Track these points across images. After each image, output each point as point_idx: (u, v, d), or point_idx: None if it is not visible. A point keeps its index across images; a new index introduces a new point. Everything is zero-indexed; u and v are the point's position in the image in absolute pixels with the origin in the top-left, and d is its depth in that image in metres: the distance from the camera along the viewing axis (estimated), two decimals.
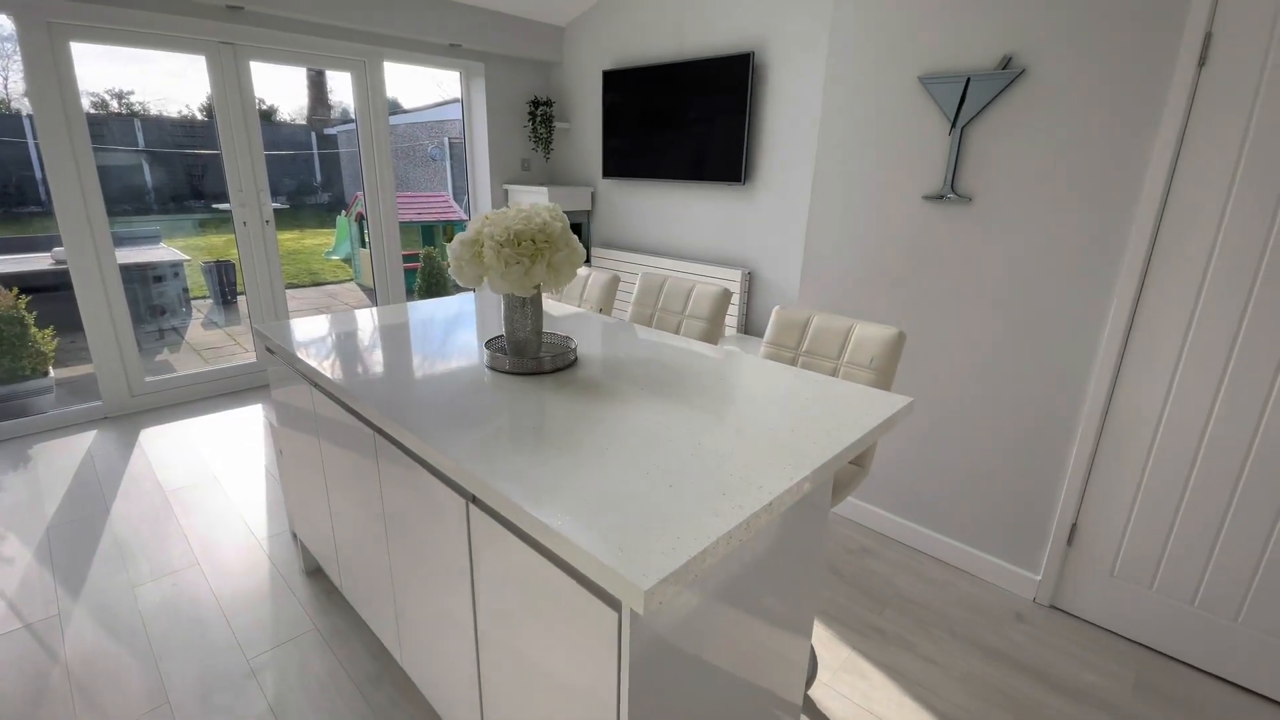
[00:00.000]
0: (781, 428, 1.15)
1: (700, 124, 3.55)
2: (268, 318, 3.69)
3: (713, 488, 0.92)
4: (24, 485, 2.55)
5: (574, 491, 0.90)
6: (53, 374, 3.29)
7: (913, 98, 1.97)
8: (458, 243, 1.37)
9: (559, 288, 1.41)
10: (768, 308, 3.51)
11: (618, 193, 4.27)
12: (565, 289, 2.32)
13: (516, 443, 1.06)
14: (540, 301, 1.46)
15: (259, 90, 3.41)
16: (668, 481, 0.94)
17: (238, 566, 2.08)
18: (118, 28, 2.93)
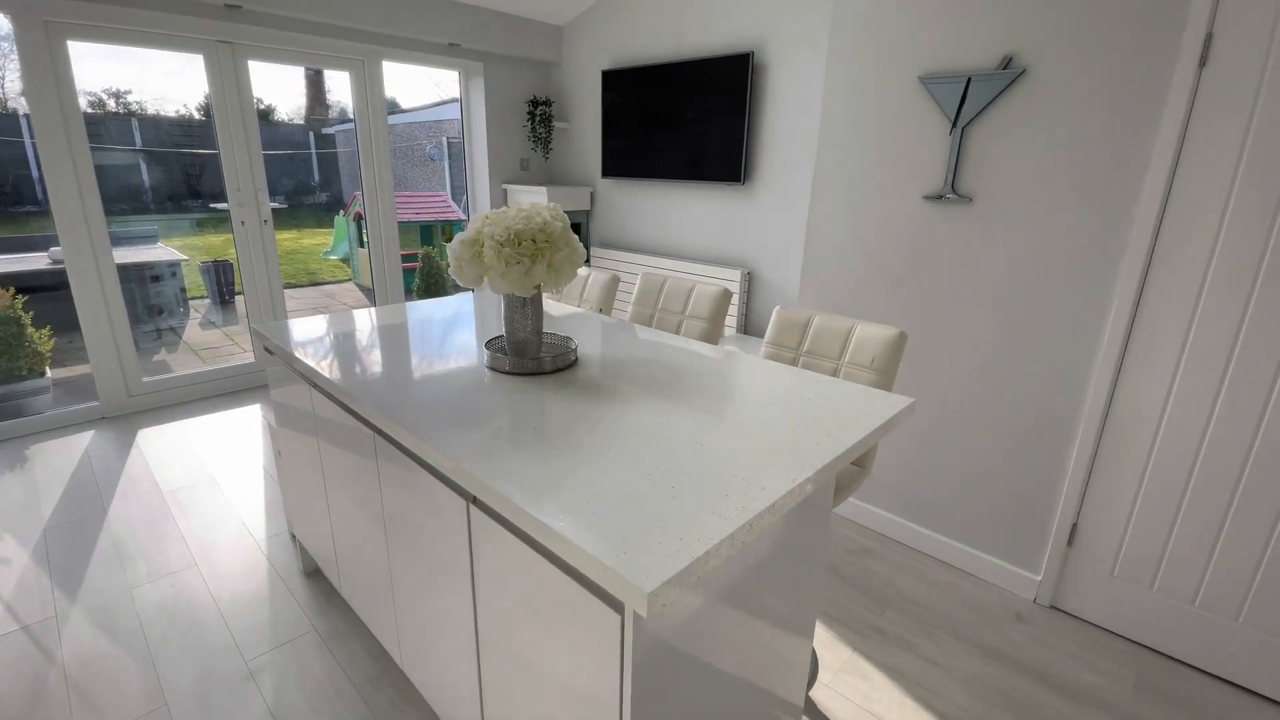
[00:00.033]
0: (783, 428, 1.14)
1: (699, 124, 3.55)
2: (266, 318, 3.68)
3: (715, 489, 0.92)
4: (21, 486, 2.53)
5: (575, 492, 0.90)
6: (50, 374, 3.28)
7: (913, 97, 1.97)
8: (458, 242, 1.37)
9: (560, 288, 1.40)
10: (767, 308, 3.51)
11: (617, 193, 4.27)
12: (565, 289, 2.32)
13: (517, 443, 1.06)
14: (540, 302, 1.46)
15: (257, 90, 3.40)
16: (670, 482, 0.94)
17: (236, 568, 2.07)
18: (115, 26, 2.92)
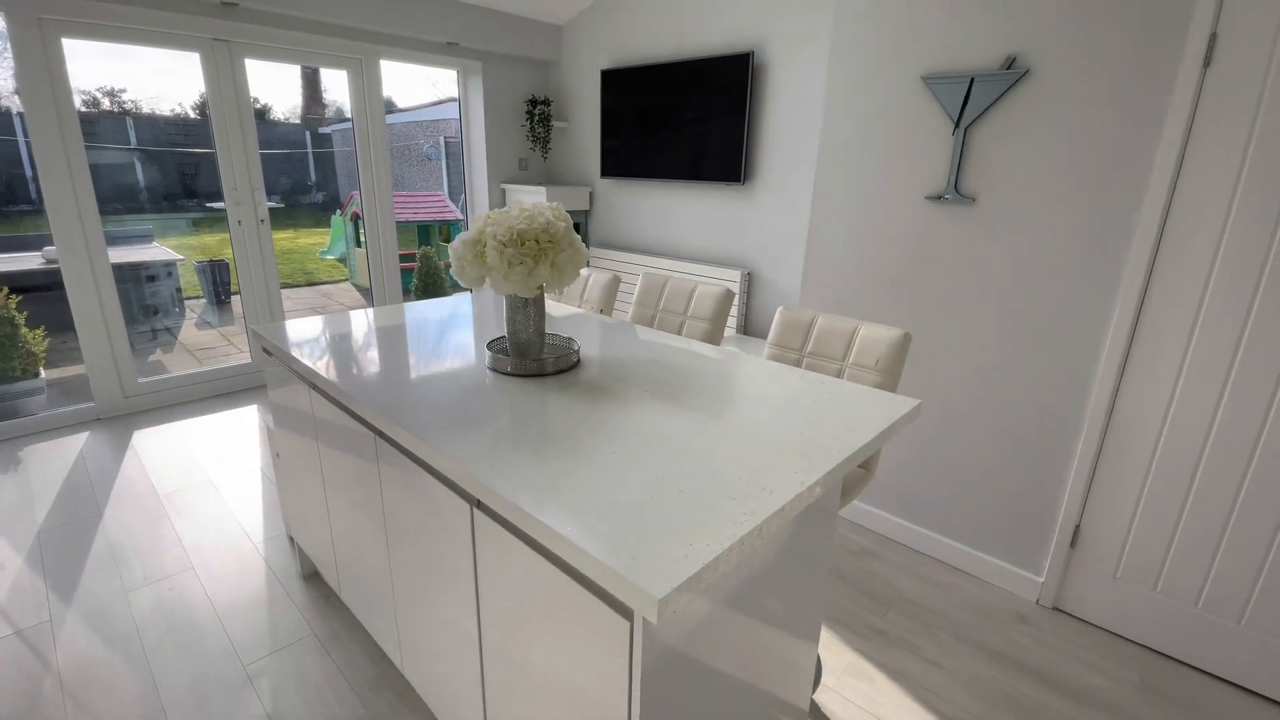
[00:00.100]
0: (789, 431, 1.13)
1: (699, 124, 3.54)
2: (263, 318, 3.66)
3: (723, 492, 0.91)
4: (14, 488, 2.51)
5: (581, 496, 0.89)
6: (44, 375, 3.24)
7: (915, 98, 1.96)
8: (460, 243, 1.35)
9: (562, 288, 1.39)
10: (767, 308, 3.50)
11: (616, 193, 4.26)
12: (566, 290, 2.30)
13: (521, 446, 1.04)
14: (543, 302, 1.44)
15: (253, 88, 3.38)
16: (676, 486, 0.93)
17: (233, 571, 2.05)
18: (111, 24, 2.89)
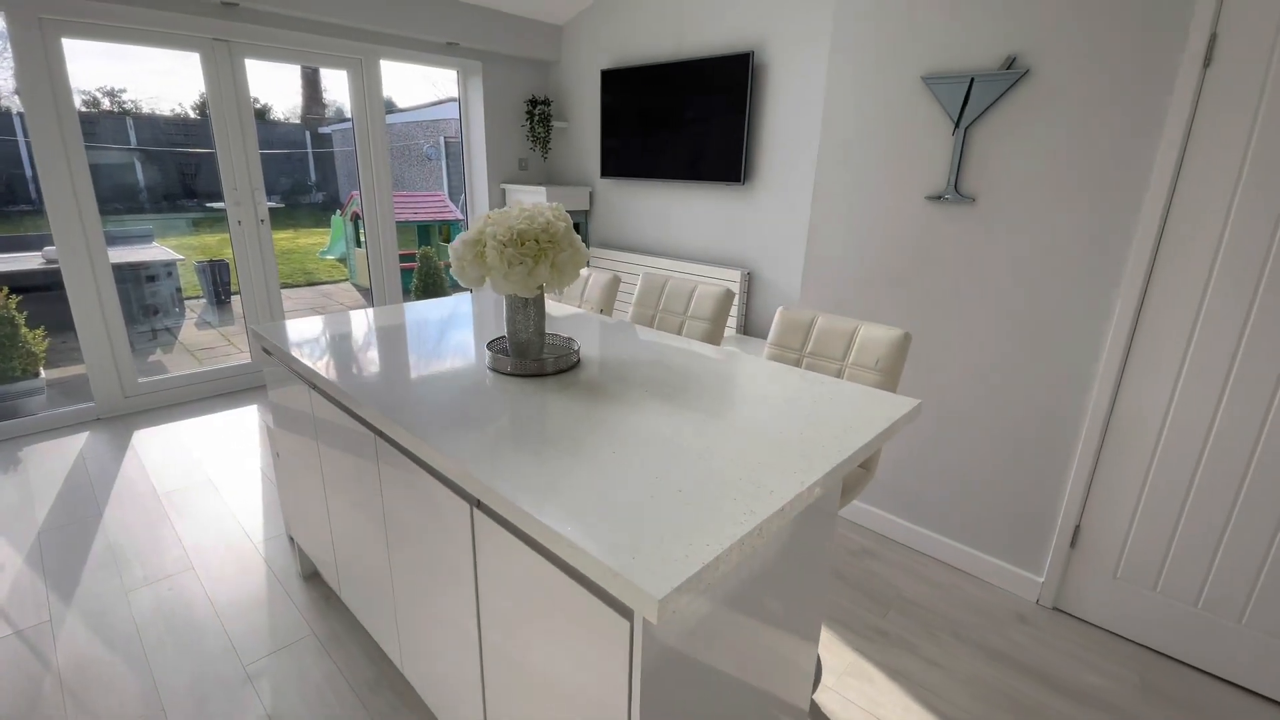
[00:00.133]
0: (789, 431, 1.13)
1: (699, 124, 3.54)
2: (263, 318, 3.66)
3: (723, 493, 0.91)
4: (14, 488, 2.51)
5: (581, 496, 0.89)
6: (44, 375, 3.24)
7: (916, 98, 1.96)
8: (460, 243, 1.35)
9: (562, 288, 1.39)
10: (767, 308, 3.50)
11: (616, 193, 4.26)
12: (566, 290, 2.30)
13: (521, 446, 1.04)
14: (543, 302, 1.44)
15: (253, 88, 3.38)
16: (676, 486, 0.93)
17: (233, 571, 2.05)
18: (111, 24, 2.89)
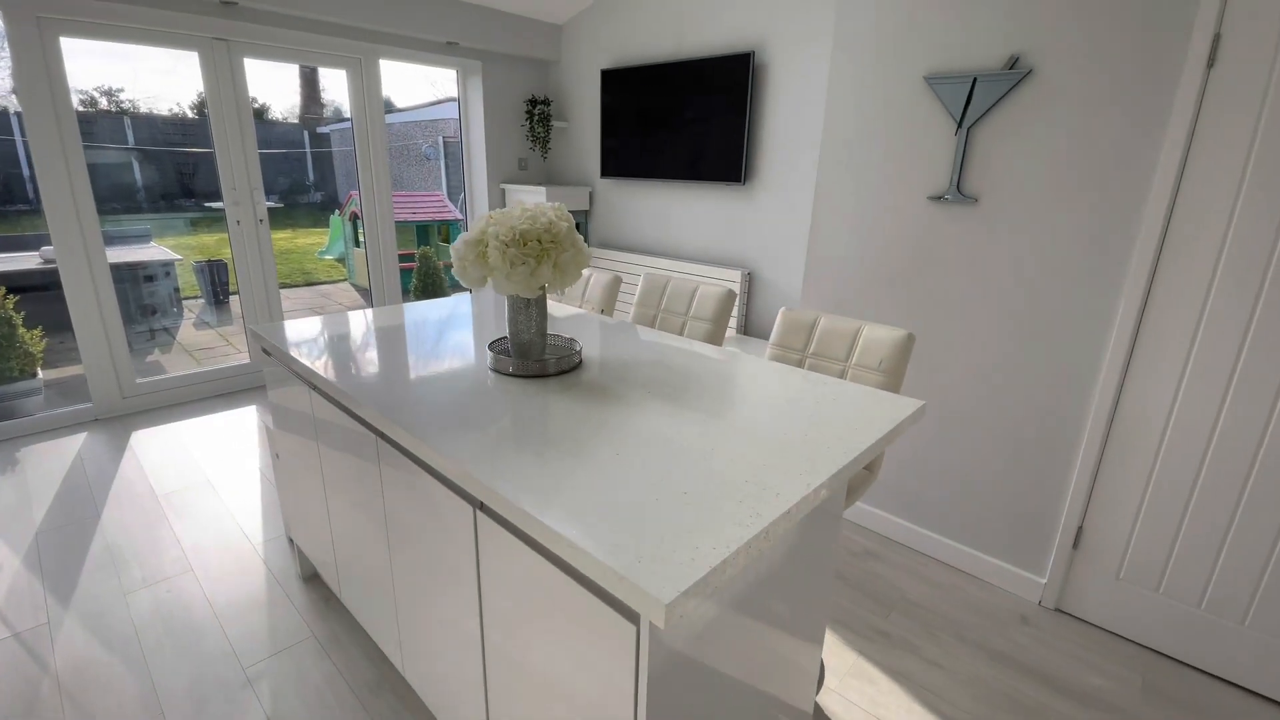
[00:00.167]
0: (794, 432, 1.13)
1: (699, 123, 3.53)
2: (261, 318, 3.64)
3: (728, 495, 0.90)
4: (12, 489, 2.49)
5: (585, 499, 0.88)
6: (41, 375, 3.23)
7: (918, 97, 1.95)
8: (461, 243, 1.34)
9: (565, 288, 1.38)
10: (768, 309, 3.50)
11: (616, 193, 4.25)
12: (567, 290, 2.29)
13: (524, 448, 1.04)
14: (545, 303, 1.44)
15: (251, 88, 3.37)
16: (681, 488, 0.92)
17: (232, 572, 2.04)
18: (109, 23, 2.88)
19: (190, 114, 5.06)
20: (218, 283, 5.32)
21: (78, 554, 2.11)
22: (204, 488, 2.55)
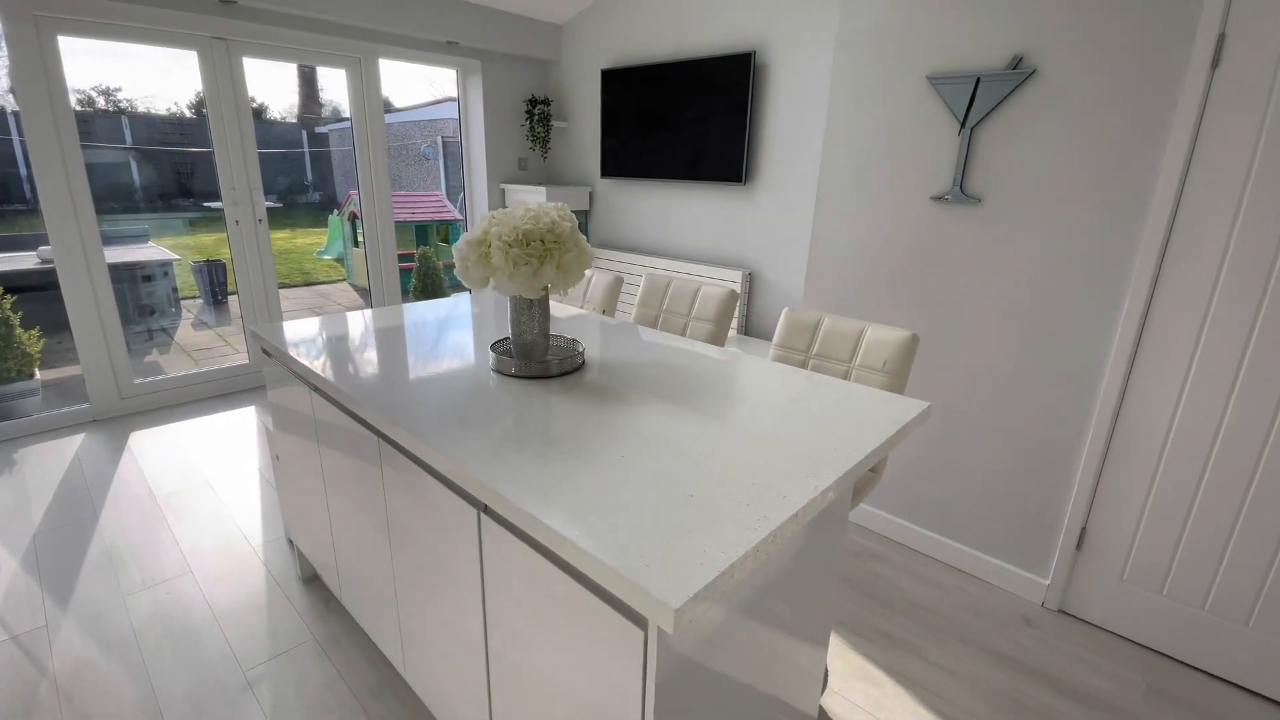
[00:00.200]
0: (799, 434, 1.12)
1: (700, 124, 3.52)
2: (260, 318, 3.63)
3: (735, 497, 0.89)
4: (9, 490, 2.48)
5: (590, 501, 0.87)
6: (39, 375, 3.21)
7: (921, 97, 1.95)
8: (464, 243, 1.34)
9: (567, 289, 1.37)
10: (768, 309, 3.49)
11: (616, 193, 4.24)
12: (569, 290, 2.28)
13: (528, 450, 1.03)
14: (548, 303, 1.43)
15: (249, 87, 3.35)
16: (687, 490, 0.91)
17: (232, 574, 2.02)
18: (107, 22, 2.87)
19: (188, 113, 5.04)
20: (216, 283, 5.30)
21: (76, 556, 2.09)
22: (203, 489, 2.53)
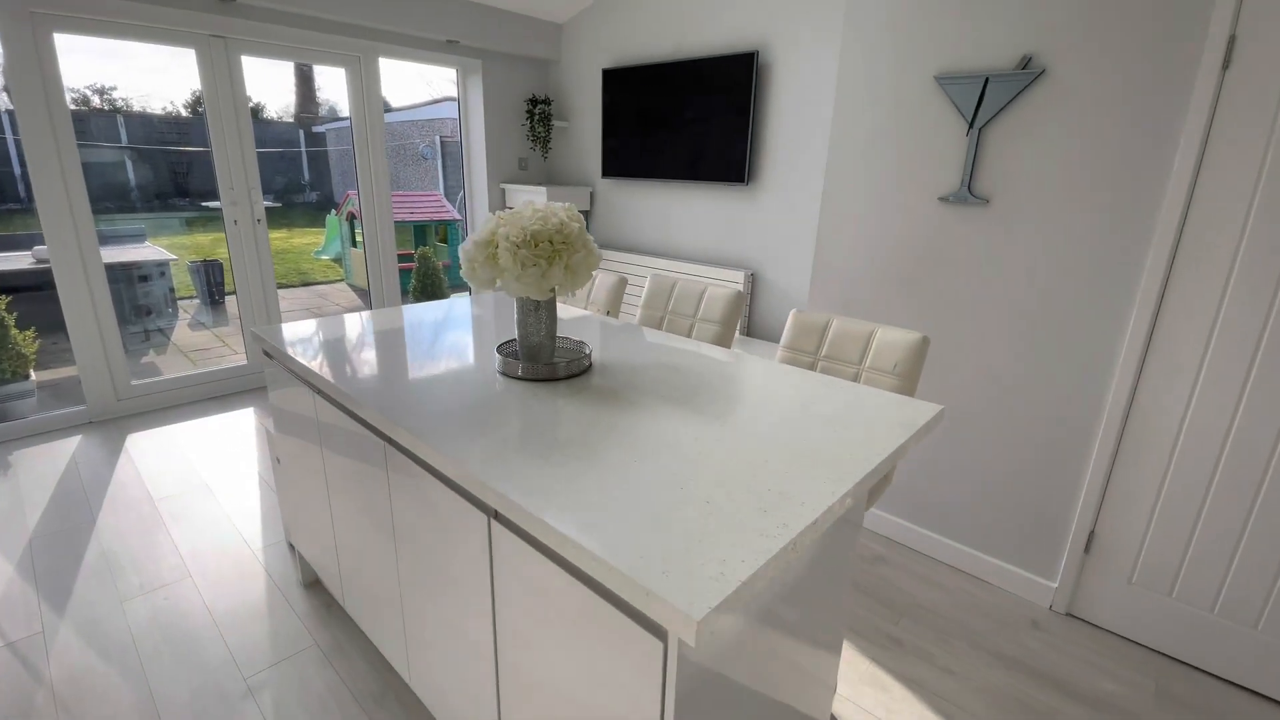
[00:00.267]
0: (813, 438, 1.10)
1: (701, 124, 3.51)
2: (259, 319, 3.60)
3: (752, 504, 0.87)
4: (4, 494, 2.44)
5: (603, 507, 0.85)
6: (34, 377, 3.18)
7: (929, 97, 1.94)
8: (471, 244, 1.32)
9: (575, 290, 1.36)
10: (771, 310, 3.48)
11: (617, 193, 4.22)
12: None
13: (536, 454, 1.01)
14: (555, 305, 1.41)
15: (247, 86, 3.32)
16: (702, 496, 0.89)
17: (232, 579, 2.00)
18: (104, 19, 2.83)
19: (184, 112, 5.01)
20: (213, 283, 5.27)
21: (73, 560, 2.06)
22: (201, 492, 2.50)
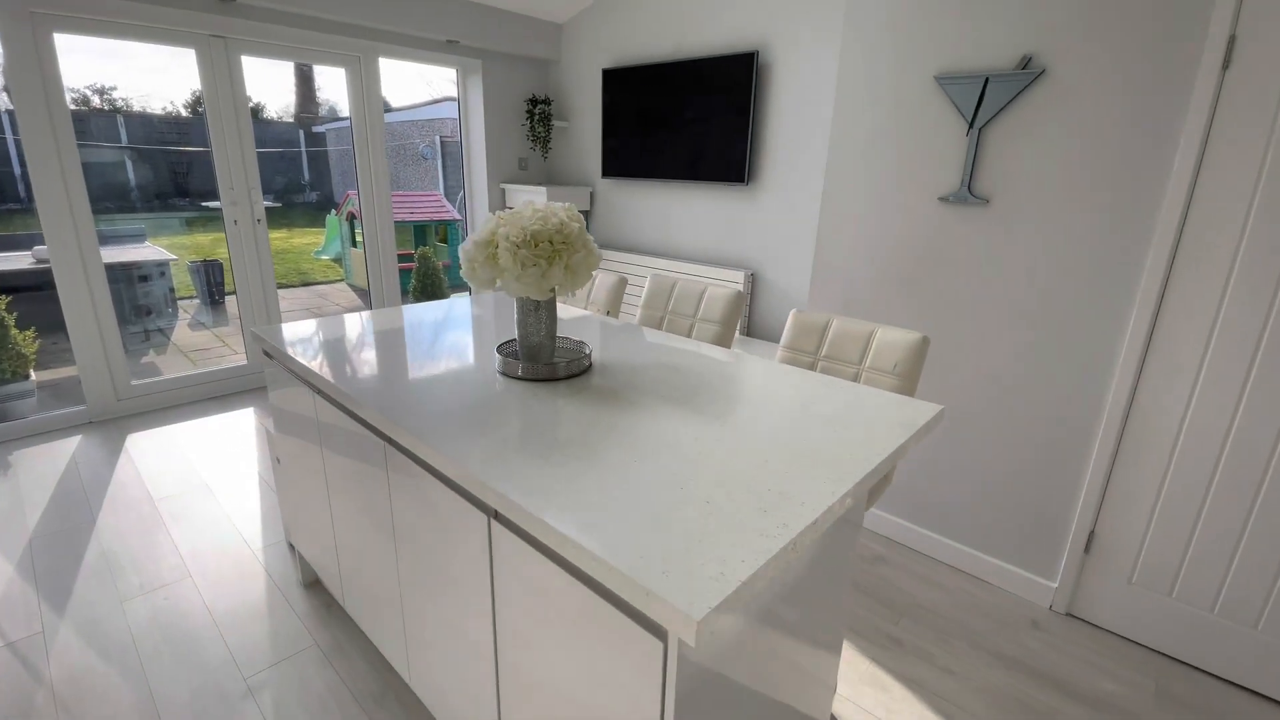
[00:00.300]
0: (813, 437, 1.10)
1: (701, 124, 3.51)
2: (259, 319, 3.60)
3: (752, 504, 0.88)
4: (4, 494, 2.44)
5: (603, 508, 0.85)
6: (34, 377, 3.18)
7: (929, 97, 1.94)
8: (471, 244, 1.32)
9: (575, 290, 1.36)
10: (770, 310, 3.48)
11: (617, 193, 4.22)
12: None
13: (537, 455, 1.01)
14: (555, 305, 1.41)
15: (247, 86, 3.32)
16: (702, 496, 0.89)
17: (232, 579, 2.00)
18: (104, 19, 2.83)
19: (184, 112, 5.01)
20: (213, 283, 5.27)
21: (73, 560, 2.06)
22: (201, 492, 2.50)
